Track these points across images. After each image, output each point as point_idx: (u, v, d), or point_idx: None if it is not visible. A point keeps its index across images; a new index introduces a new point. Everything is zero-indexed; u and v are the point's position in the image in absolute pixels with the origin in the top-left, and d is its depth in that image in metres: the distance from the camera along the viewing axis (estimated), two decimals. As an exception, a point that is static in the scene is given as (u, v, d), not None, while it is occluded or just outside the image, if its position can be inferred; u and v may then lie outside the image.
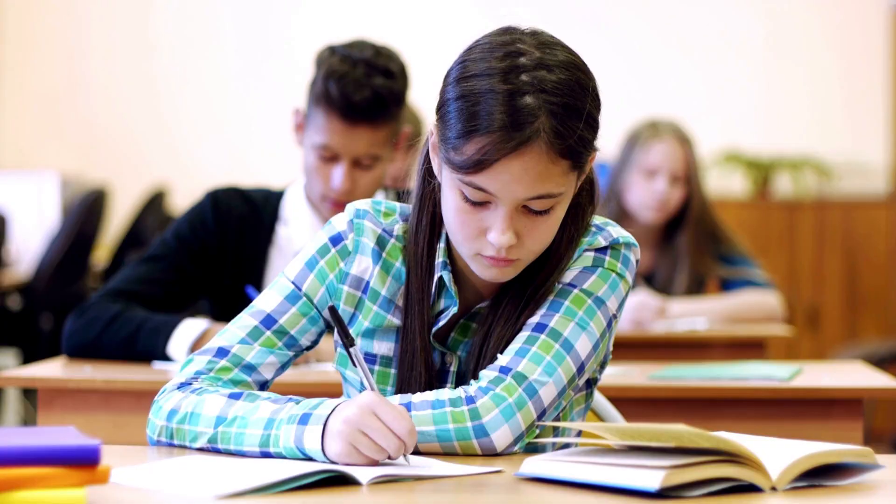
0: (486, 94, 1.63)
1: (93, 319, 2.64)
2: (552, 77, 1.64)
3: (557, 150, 1.63)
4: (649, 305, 3.59)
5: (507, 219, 1.65)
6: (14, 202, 6.36)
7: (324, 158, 2.73)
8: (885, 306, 6.42)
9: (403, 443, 1.54)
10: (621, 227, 1.80)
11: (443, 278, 1.76)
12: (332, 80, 2.68)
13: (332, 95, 2.67)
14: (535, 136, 1.62)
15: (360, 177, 2.73)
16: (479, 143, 1.63)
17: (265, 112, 7.00)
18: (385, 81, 2.68)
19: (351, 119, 2.68)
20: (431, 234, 1.78)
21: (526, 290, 1.75)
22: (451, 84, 1.68)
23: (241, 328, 1.78)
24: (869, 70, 6.73)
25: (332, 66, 2.69)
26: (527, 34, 1.69)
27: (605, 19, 6.84)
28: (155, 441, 1.72)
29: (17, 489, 1.29)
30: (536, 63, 1.65)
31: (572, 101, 1.64)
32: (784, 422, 2.52)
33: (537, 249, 1.70)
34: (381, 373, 1.80)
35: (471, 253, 1.70)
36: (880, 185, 6.68)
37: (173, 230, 2.79)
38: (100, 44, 7.16)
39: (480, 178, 1.64)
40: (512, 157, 1.62)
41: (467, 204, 1.67)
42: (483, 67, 1.65)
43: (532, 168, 1.63)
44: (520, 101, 1.62)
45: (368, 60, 2.69)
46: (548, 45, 1.68)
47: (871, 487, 1.49)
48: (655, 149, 3.88)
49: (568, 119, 1.63)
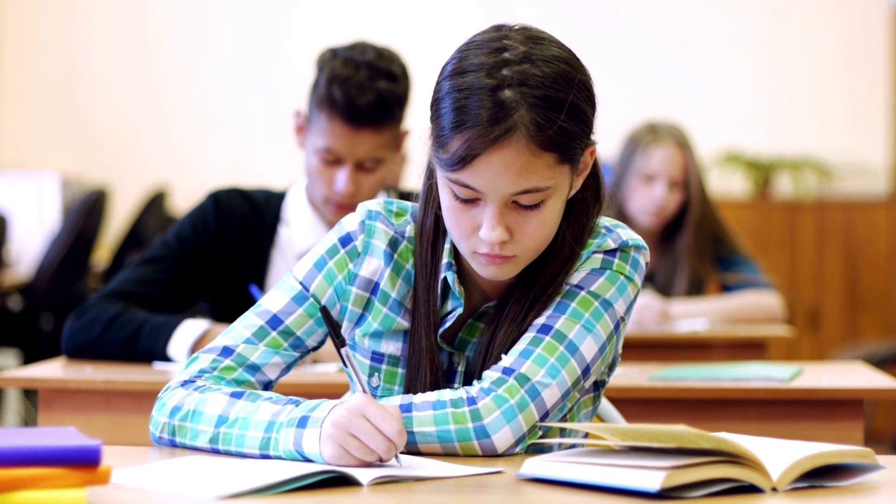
0: (467, 91, 1.64)
1: (93, 320, 2.64)
2: (535, 71, 1.64)
3: (538, 142, 1.62)
4: (653, 308, 3.60)
5: (496, 215, 1.65)
6: (14, 202, 6.36)
7: (327, 161, 2.73)
8: (886, 307, 6.42)
9: (393, 443, 1.54)
10: (630, 230, 1.79)
11: (447, 279, 1.76)
12: (335, 84, 2.67)
13: (335, 99, 2.67)
14: (515, 128, 1.62)
15: (363, 180, 2.73)
16: (461, 139, 1.63)
17: (266, 112, 7.00)
18: (388, 84, 2.68)
19: (355, 123, 2.68)
20: (436, 234, 1.78)
21: (532, 290, 1.74)
22: (439, 83, 1.69)
23: (247, 328, 1.78)
24: (869, 70, 6.73)
25: (335, 70, 2.68)
26: (516, 30, 1.69)
27: (606, 19, 6.84)
28: (157, 438, 1.72)
29: (18, 489, 1.29)
30: (521, 58, 1.65)
31: (554, 94, 1.64)
32: (784, 422, 2.52)
33: (534, 246, 1.69)
34: (389, 372, 1.80)
35: (468, 251, 1.70)
36: (881, 186, 6.68)
37: (174, 231, 2.79)
38: (100, 44, 7.16)
39: (465, 174, 1.64)
40: (493, 150, 1.62)
41: (458, 202, 1.67)
42: (468, 65, 1.66)
43: (514, 161, 1.62)
44: (499, 95, 1.62)
45: (371, 63, 2.68)
46: (535, 41, 1.67)
47: (872, 488, 1.49)
48: (654, 154, 3.89)
49: (548, 111, 1.63)
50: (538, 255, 1.72)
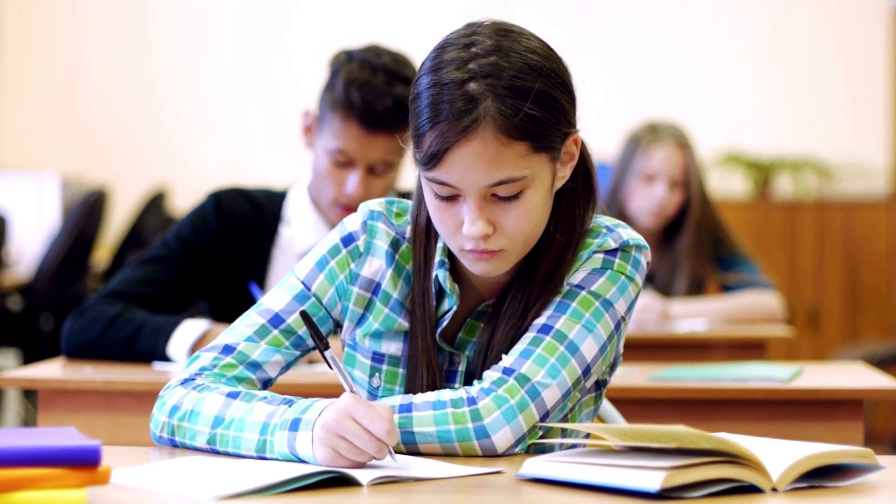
0: (437, 88, 1.64)
1: (92, 320, 2.63)
2: (501, 62, 1.64)
3: (506, 131, 1.63)
4: (654, 308, 3.60)
5: (476, 209, 1.65)
6: (14, 202, 6.36)
7: (338, 163, 2.72)
8: (886, 307, 6.42)
9: (383, 443, 1.54)
10: (632, 229, 1.79)
11: (439, 277, 1.76)
12: (353, 87, 2.66)
13: (353, 102, 2.66)
14: (480, 119, 1.62)
15: (373, 183, 2.72)
16: (430, 136, 1.64)
17: (265, 112, 7.00)
18: (405, 90, 2.67)
19: (371, 126, 2.67)
20: (429, 233, 1.78)
21: (529, 287, 1.74)
22: (413, 83, 1.70)
23: (249, 326, 1.78)
24: (869, 71, 6.73)
25: (352, 73, 2.68)
26: (486, 26, 1.69)
27: (606, 19, 6.84)
28: (158, 437, 1.73)
29: (18, 490, 1.29)
30: (487, 51, 1.65)
31: (520, 83, 1.64)
32: (784, 422, 2.52)
33: (520, 237, 1.69)
34: (390, 372, 1.80)
35: (457, 249, 1.70)
36: (881, 186, 6.68)
37: (175, 232, 2.79)
38: (100, 44, 7.16)
39: (439, 172, 1.64)
40: (461, 144, 1.62)
41: (439, 201, 1.68)
42: (438, 63, 1.67)
43: (483, 153, 1.63)
44: (464, 89, 1.63)
45: (388, 67, 2.68)
46: (504, 34, 1.68)
47: (872, 488, 1.49)
48: (655, 154, 3.89)
49: (513, 99, 1.63)
50: (528, 247, 1.72)
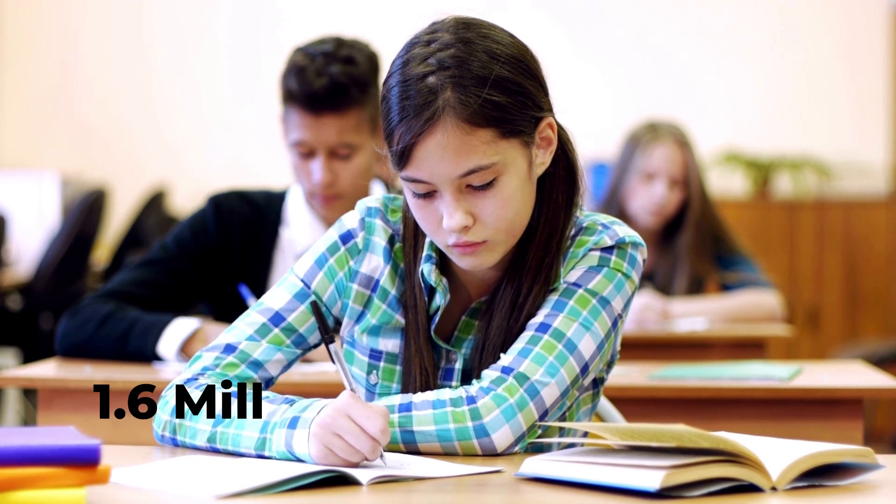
0: (400, 86, 1.65)
1: (86, 320, 2.64)
2: (459, 54, 1.65)
3: (467, 119, 1.63)
4: (653, 307, 3.60)
5: (452, 201, 1.66)
6: (14, 202, 6.36)
7: (302, 155, 2.75)
8: (885, 306, 6.42)
9: (378, 443, 1.54)
10: (628, 227, 1.79)
11: (424, 271, 1.76)
12: (291, 76, 2.71)
13: (293, 90, 2.71)
14: (440, 111, 1.63)
15: (340, 168, 2.73)
16: (397, 133, 1.65)
17: (264, 112, 6.98)
18: (343, 68, 2.69)
19: (314, 109, 2.70)
20: (417, 229, 1.78)
21: (520, 279, 1.74)
22: (382, 84, 1.71)
23: (249, 325, 1.78)
24: (869, 70, 6.73)
25: (290, 62, 2.73)
26: (447, 22, 1.70)
27: (606, 19, 6.83)
28: (160, 436, 1.73)
29: (18, 489, 1.29)
30: (446, 44, 1.66)
31: (478, 70, 1.64)
32: (784, 422, 2.52)
33: (501, 226, 1.68)
34: (387, 369, 1.80)
35: (443, 245, 1.71)
36: (880, 185, 6.68)
37: (174, 235, 2.79)
38: (99, 44, 7.16)
39: (410, 169, 1.65)
40: (425, 137, 1.63)
41: (417, 199, 1.69)
42: (401, 62, 1.68)
43: (448, 144, 1.63)
44: (424, 83, 1.64)
45: (328, 51, 2.71)
46: (465, 27, 1.69)
47: (872, 487, 1.49)
48: (654, 153, 3.89)
49: (473, 87, 1.64)
50: (513, 236, 1.71)
